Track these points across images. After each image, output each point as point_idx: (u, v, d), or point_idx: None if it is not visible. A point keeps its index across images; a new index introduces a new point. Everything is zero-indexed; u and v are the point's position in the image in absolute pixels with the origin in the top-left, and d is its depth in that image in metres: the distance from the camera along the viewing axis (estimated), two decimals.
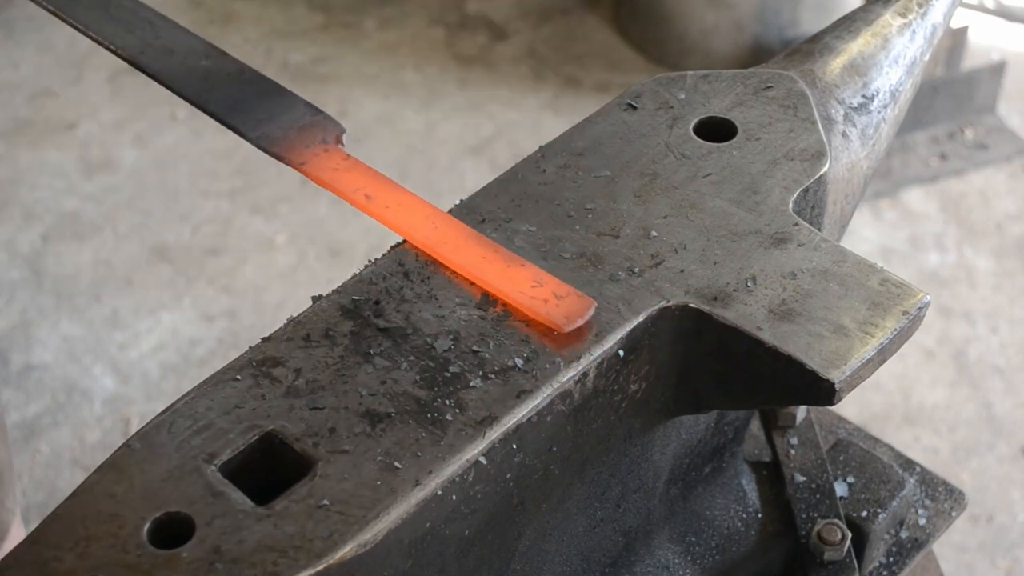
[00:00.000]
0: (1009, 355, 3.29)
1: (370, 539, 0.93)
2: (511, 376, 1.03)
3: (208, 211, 3.72)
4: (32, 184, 3.80)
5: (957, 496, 1.52)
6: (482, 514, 1.02)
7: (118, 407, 3.15)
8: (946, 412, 3.15)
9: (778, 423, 1.46)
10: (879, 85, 1.34)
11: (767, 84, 1.30)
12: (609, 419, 1.10)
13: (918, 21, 1.39)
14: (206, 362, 3.23)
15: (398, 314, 1.08)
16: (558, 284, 1.08)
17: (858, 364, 1.03)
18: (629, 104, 1.28)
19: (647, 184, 1.20)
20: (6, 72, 4.24)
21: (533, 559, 1.13)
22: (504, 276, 1.10)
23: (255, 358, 1.05)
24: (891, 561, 1.45)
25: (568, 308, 1.06)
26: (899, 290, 1.09)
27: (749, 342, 1.05)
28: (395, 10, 4.50)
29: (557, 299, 1.07)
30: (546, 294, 1.07)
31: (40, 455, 3.04)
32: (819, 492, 1.40)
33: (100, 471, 0.97)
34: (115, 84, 4.16)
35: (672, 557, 1.33)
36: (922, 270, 3.51)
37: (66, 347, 3.29)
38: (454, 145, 3.88)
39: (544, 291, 1.08)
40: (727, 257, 1.12)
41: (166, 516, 0.94)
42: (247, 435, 0.99)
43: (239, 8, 4.44)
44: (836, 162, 1.26)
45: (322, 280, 3.44)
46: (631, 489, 1.22)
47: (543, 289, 1.08)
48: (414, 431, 0.99)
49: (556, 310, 1.06)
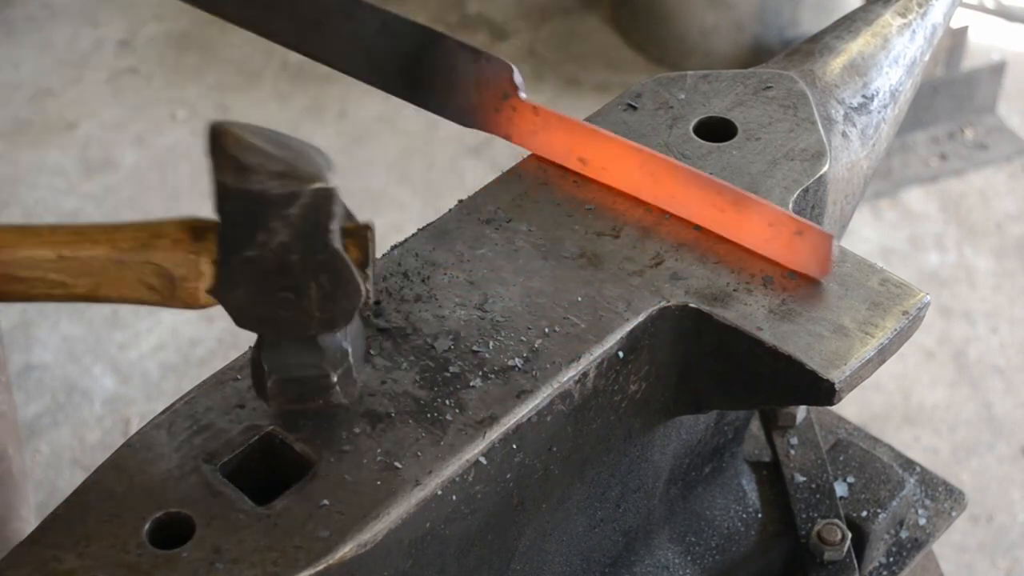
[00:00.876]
0: (1009, 355, 3.29)
1: (370, 539, 0.93)
2: (511, 376, 1.03)
3: (208, 211, 3.71)
4: (32, 184, 3.80)
5: (957, 496, 1.52)
6: (482, 514, 1.02)
7: (118, 407, 3.15)
8: (946, 412, 3.15)
9: (778, 423, 1.46)
10: (879, 85, 1.34)
11: (767, 84, 1.30)
12: (609, 419, 1.10)
13: (918, 21, 1.39)
14: (206, 362, 3.23)
15: (398, 314, 1.08)
16: (790, 219, 1.06)
17: (858, 364, 1.03)
18: (629, 104, 1.28)
19: None
20: (6, 72, 4.24)
21: (533, 559, 1.13)
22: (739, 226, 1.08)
23: None
24: (891, 561, 1.45)
25: (811, 248, 1.04)
26: (899, 290, 1.09)
27: (749, 342, 1.05)
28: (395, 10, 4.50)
29: (799, 237, 1.05)
30: (786, 236, 1.05)
31: (40, 455, 3.05)
32: (819, 492, 1.40)
33: (100, 471, 0.97)
34: (115, 84, 4.16)
35: (672, 557, 1.33)
36: (922, 270, 3.50)
37: (66, 347, 3.29)
38: (454, 145, 3.87)
39: (783, 232, 1.05)
40: (727, 257, 1.12)
41: (166, 516, 0.94)
42: (247, 435, 0.99)
43: None
44: (836, 162, 1.25)
45: None
46: (631, 489, 1.22)
47: (782, 230, 1.06)
48: (414, 431, 0.99)
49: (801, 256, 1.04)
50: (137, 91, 4.12)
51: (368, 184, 3.61)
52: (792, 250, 1.06)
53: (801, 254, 1.06)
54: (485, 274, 1.11)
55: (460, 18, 4.45)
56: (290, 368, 0.96)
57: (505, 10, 4.48)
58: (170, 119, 4.02)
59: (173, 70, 4.06)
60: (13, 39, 4.37)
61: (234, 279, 0.94)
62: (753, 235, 1.08)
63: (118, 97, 4.11)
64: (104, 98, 4.11)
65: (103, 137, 3.97)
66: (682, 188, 1.11)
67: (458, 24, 4.42)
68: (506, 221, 1.16)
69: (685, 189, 1.10)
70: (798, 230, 1.05)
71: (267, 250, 0.91)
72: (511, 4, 4.51)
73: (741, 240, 1.09)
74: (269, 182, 0.89)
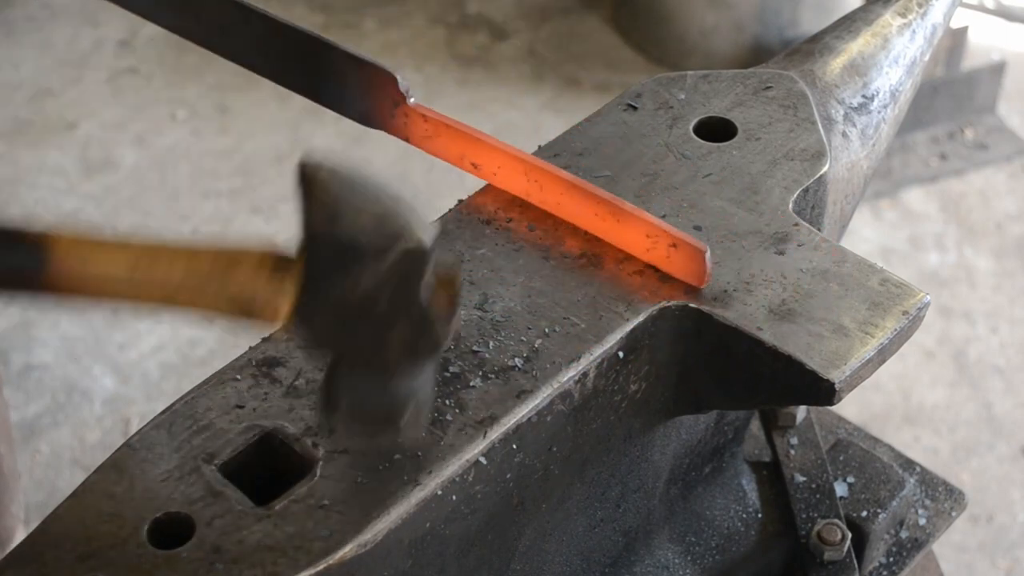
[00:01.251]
0: (1009, 355, 3.29)
1: (370, 539, 0.93)
2: (511, 376, 1.03)
3: (208, 211, 3.72)
4: (32, 184, 3.80)
5: (957, 496, 1.52)
6: (482, 514, 1.02)
7: (118, 407, 3.15)
8: (946, 412, 3.15)
9: (778, 423, 1.46)
10: (879, 85, 1.34)
11: (767, 84, 1.30)
12: (609, 419, 1.10)
13: (918, 21, 1.39)
14: (206, 362, 3.23)
15: None
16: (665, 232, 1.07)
17: (858, 364, 1.03)
18: (629, 104, 1.28)
19: (647, 184, 1.20)
20: (6, 72, 4.23)
21: (533, 559, 1.13)
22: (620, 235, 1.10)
23: (255, 358, 1.05)
24: (891, 561, 1.45)
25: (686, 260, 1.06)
26: (899, 290, 1.09)
27: (749, 342, 1.05)
28: (395, 10, 4.50)
29: (674, 250, 1.06)
30: (663, 248, 1.07)
31: (40, 455, 3.04)
32: (819, 492, 1.40)
33: (100, 471, 0.97)
34: (115, 84, 4.16)
35: (672, 557, 1.33)
36: (922, 270, 3.50)
37: (66, 347, 3.29)
38: None
39: (661, 244, 1.07)
40: (727, 257, 1.12)
41: (166, 516, 0.94)
42: (247, 435, 0.99)
43: None
44: (836, 162, 1.25)
45: None
46: (631, 489, 1.22)
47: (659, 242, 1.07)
48: None
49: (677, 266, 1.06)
50: (137, 91, 4.12)
51: None
52: (670, 261, 1.08)
53: (678, 265, 1.07)
54: (485, 274, 1.11)
55: (460, 18, 4.45)
56: (360, 401, 0.93)
57: (505, 10, 4.48)
58: (170, 119, 4.02)
59: (173, 70, 4.06)
60: (13, 39, 4.37)
61: (314, 313, 0.90)
62: (634, 244, 1.09)
63: (118, 97, 4.11)
64: (104, 98, 4.11)
65: (103, 137, 3.97)
66: (565, 197, 1.12)
67: (458, 24, 4.42)
68: (506, 221, 1.16)
69: (568, 198, 1.11)
70: (672, 243, 1.07)
71: (351, 294, 0.88)
72: (511, 4, 4.51)
73: (625, 247, 1.10)
74: (359, 234, 0.86)
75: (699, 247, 1.05)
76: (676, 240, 1.06)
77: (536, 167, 1.13)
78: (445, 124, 1.16)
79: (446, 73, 4.20)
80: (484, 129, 1.18)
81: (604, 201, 1.09)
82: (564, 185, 1.11)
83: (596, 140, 1.25)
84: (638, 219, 1.08)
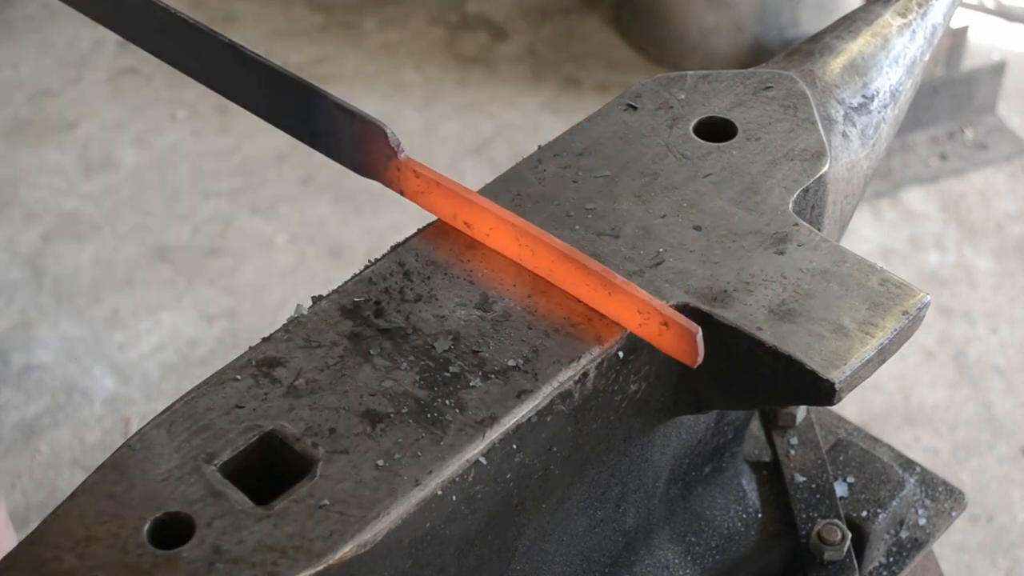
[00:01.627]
0: (1009, 355, 3.29)
1: (370, 539, 0.93)
2: (511, 376, 1.03)
3: (208, 211, 3.72)
4: (32, 184, 3.80)
5: (957, 496, 1.52)
6: (482, 514, 1.02)
7: (118, 407, 3.15)
8: (946, 412, 3.15)
9: (778, 423, 1.46)
10: (879, 85, 1.34)
11: (767, 84, 1.30)
12: (609, 419, 1.10)
13: (918, 21, 1.39)
14: (206, 362, 3.23)
15: (398, 314, 1.08)
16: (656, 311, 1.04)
17: (858, 364, 1.03)
18: (629, 104, 1.28)
19: (647, 184, 1.20)
20: (6, 72, 4.24)
21: (533, 559, 1.13)
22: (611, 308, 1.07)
23: (255, 358, 1.05)
24: (891, 561, 1.45)
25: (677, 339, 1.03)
26: (899, 290, 1.09)
27: (749, 342, 1.05)
28: (395, 10, 4.50)
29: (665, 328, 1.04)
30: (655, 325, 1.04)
31: (40, 455, 3.04)
32: (819, 492, 1.40)
33: (100, 471, 0.97)
34: (115, 84, 4.16)
35: (672, 557, 1.33)
36: (922, 270, 3.51)
37: (66, 347, 3.29)
38: (454, 145, 3.88)
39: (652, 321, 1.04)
40: (727, 257, 1.12)
41: (166, 516, 0.94)
42: (247, 435, 0.99)
43: (239, 8, 4.44)
44: (836, 162, 1.25)
45: (322, 280, 3.44)
46: (631, 489, 1.22)
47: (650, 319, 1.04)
48: (414, 431, 0.99)
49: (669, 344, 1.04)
50: (137, 91, 4.12)
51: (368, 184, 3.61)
52: (662, 338, 1.04)
53: (669, 342, 1.04)
54: (485, 274, 1.11)
55: (460, 18, 4.45)
56: None
57: (505, 10, 4.48)
58: (170, 119, 4.02)
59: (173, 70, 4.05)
60: (13, 39, 4.37)
61: None
62: (625, 318, 1.06)
63: (118, 97, 4.12)
64: (104, 98, 4.12)
65: (103, 137, 3.97)
66: (557, 265, 1.08)
67: (458, 24, 4.42)
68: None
69: (559, 267, 1.08)
70: (663, 321, 1.03)
71: None
72: (511, 4, 4.51)
73: (617, 320, 1.07)
74: None
75: (690, 328, 1.02)
76: (667, 319, 1.03)
77: (527, 232, 1.09)
78: (436, 182, 1.13)
79: (446, 73, 4.20)
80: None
81: (595, 274, 1.06)
82: (555, 254, 1.08)
83: (596, 140, 1.25)
84: (629, 295, 1.05)
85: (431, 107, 4.03)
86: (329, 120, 1.16)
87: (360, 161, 1.16)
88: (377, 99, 4.07)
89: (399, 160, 1.13)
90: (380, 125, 1.13)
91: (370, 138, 1.14)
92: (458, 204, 1.13)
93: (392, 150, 1.13)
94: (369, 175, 1.17)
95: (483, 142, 3.88)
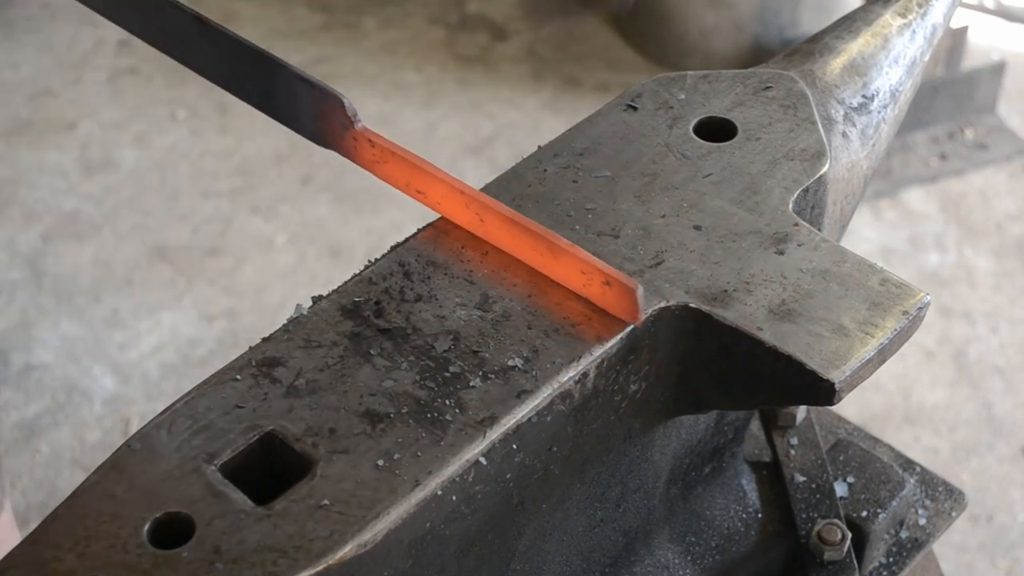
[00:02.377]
0: (1009, 355, 3.29)
1: (370, 539, 0.93)
2: (511, 376, 1.03)
3: (208, 211, 3.72)
4: (32, 184, 3.80)
5: (957, 496, 1.52)
6: (482, 514, 1.02)
7: (118, 407, 3.15)
8: (946, 412, 3.15)
9: (778, 423, 1.46)
10: (879, 85, 1.34)
11: (767, 84, 1.30)
12: (609, 419, 1.10)
13: (918, 21, 1.39)
14: (206, 362, 3.23)
15: (398, 314, 1.08)
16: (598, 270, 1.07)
17: (858, 364, 1.03)
18: (629, 104, 1.28)
19: (647, 184, 1.20)
20: (6, 72, 4.24)
21: (533, 559, 1.13)
22: (557, 270, 1.09)
23: (255, 358, 1.05)
24: (891, 561, 1.45)
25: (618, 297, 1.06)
26: (899, 290, 1.09)
27: (749, 342, 1.05)
28: (395, 10, 4.50)
29: (607, 287, 1.06)
30: (597, 285, 1.07)
31: (40, 455, 3.04)
32: (819, 492, 1.40)
33: (100, 471, 0.97)
34: (115, 84, 4.16)
35: (672, 557, 1.33)
36: (922, 270, 3.51)
37: (66, 347, 3.29)
38: (454, 145, 3.88)
39: (595, 281, 1.07)
40: (727, 257, 1.12)
41: (166, 516, 0.94)
42: (247, 435, 0.99)
43: (239, 8, 4.44)
44: (836, 162, 1.25)
45: (322, 280, 3.44)
46: (631, 489, 1.22)
47: (593, 279, 1.07)
48: (414, 431, 0.99)
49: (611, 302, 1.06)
50: (137, 91, 4.12)
51: (368, 184, 3.61)
52: (604, 297, 1.07)
53: (612, 301, 1.07)
54: (485, 273, 1.11)
55: (460, 18, 4.45)
56: None
57: (505, 10, 4.48)
58: (170, 119, 4.02)
59: (173, 70, 4.05)
60: (13, 39, 4.37)
61: None
62: (570, 279, 1.09)
63: (118, 97, 4.12)
64: (104, 98, 4.11)
65: (103, 137, 3.97)
66: (504, 231, 1.11)
67: (458, 24, 4.42)
68: None
69: (506, 232, 1.11)
70: (605, 280, 1.06)
71: None
72: (511, 4, 4.51)
73: (562, 282, 1.10)
74: None
75: (630, 285, 1.05)
76: (609, 278, 1.06)
77: (477, 200, 1.12)
78: (391, 151, 1.14)
79: (446, 73, 4.20)
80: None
81: (541, 237, 1.09)
82: (503, 220, 1.11)
83: (596, 140, 1.25)
84: (572, 256, 1.08)
85: (431, 107, 4.03)
86: (288, 90, 1.17)
87: (318, 131, 1.17)
88: (377, 99, 4.08)
89: (355, 130, 1.15)
90: (337, 95, 1.14)
91: (327, 108, 1.15)
92: (411, 173, 1.14)
93: (348, 120, 1.14)
94: (327, 145, 1.18)
95: (483, 142, 3.88)
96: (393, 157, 1.15)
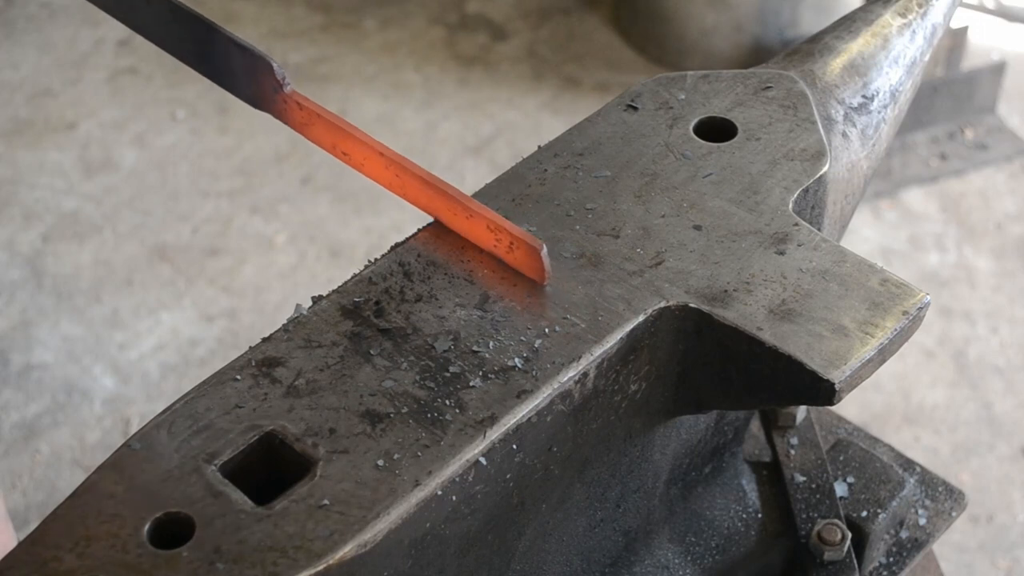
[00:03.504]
0: (1009, 355, 3.29)
1: (370, 539, 0.93)
2: (511, 376, 1.03)
3: (208, 211, 3.72)
4: (32, 184, 3.80)
5: (957, 496, 1.52)
6: (482, 514, 1.02)
7: (118, 407, 3.15)
8: (946, 412, 3.15)
9: (778, 423, 1.46)
10: (879, 85, 1.34)
11: (767, 84, 1.30)
12: (609, 419, 1.10)
13: (918, 21, 1.39)
14: (206, 362, 3.23)
15: (398, 314, 1.08)
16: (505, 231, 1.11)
17: (858, 364, 1.03)
18: (629, 104, 1.28)
19: (647, 184, 1.20)
20: (6, 72, 4.24)
21: (533, 559, 1.13)
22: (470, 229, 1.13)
23: (255, 358, 1.05)
24: (891, 561, 1.45)
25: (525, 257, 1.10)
26: (899, 290, 1.09)
27: (749, 342, 1.05)
28: (395, 10, 4.50)
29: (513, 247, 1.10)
30: (506, 244, 1.11)
31: (40, 455, 3.04)
32: (819, 492, 1.40)
33: (100, 471, 0.97)
34: (115, 84, 4.16)
35: (672, 557, 1.33)
36: (922, 270, 3.51)
37: (66, 347, 3.29)
38: (454, 145, 3.88)
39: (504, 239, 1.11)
40: (727, 257, 1.12)
41: (166, 516, 0.94)
42: (247, 435, 0.99)
43: (239, 8, 4.44)
44: (836, 162, 1.25)
45: (322, 280, 3.44)
46: (631, 489, 1.22)
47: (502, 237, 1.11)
48: (414, 431, 0.99)
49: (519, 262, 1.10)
50: (137, 91, 4.12)
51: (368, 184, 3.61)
52: (512, 256, 1.11)
53: (520, 260, 1.11)
54: (485, 274, 1.11)
55: (460, 18, 4.45)
56: None
57: (505, 10, 4.48)
58: (170, 119, 4.02)
59: (173, 70, 4.06)
60: (13, 39, 4.37)
61: None
62: (481, 238, 1.13)
63: (118, 97, 4.11)
64: (104, 98, 4.11)
65: (103, 137, 3.97)
66: (421, 190, 1.15)
67: (458, 24, 4.42)
68: None
69: (423, 192, 1.15)
70: (511, 241, 1.10)
71: None
72: (511, 4, 4.51)
73: (475, 241, 1.14)
74: None
75: (535, 245, 1.08)
76: (514, 238, 1.10)
77: (395, 162, 1.16)
78: (318, 113, 1.18)
79: (446, 73, 4.20)
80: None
81: (454, 199, 1.13)
82: (419, 182, 1.15)
83: (596, 140, 1.25)
84: (481, 216, 1.11)
85: (431, 107, 4.03)
86: (225, 55, 1.22)
87: (253, 94, 1.22)
88: (377, 99, 4.08)
89: (285, 93, 1.19)
90: (267, 59, 1.19)
91: (260, 72, 1.19)
92: (336, 135, 1.18)
93: (278, 83, 1.19)
94: (262, 108, 1.22)
95: (483, 142, 3.88)
96: (319, 120, 1.18)
